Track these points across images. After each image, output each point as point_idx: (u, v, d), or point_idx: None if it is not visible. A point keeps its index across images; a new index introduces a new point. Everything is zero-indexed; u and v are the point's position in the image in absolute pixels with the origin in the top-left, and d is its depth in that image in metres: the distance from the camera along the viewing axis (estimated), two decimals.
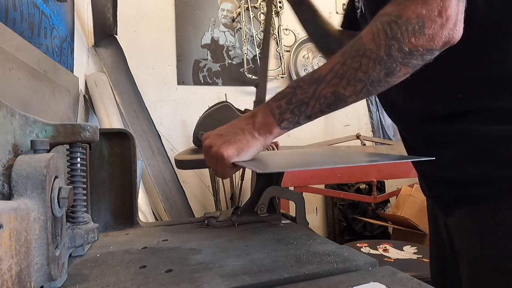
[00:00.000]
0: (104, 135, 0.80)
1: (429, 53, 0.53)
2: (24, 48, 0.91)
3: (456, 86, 0.63)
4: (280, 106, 0.62)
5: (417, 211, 2.18)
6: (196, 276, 0.49)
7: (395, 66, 0.54)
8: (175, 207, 2.32)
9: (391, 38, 0.53)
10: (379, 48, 0.53)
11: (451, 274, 0.75)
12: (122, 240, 0.71)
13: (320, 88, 0.58)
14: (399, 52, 0.53)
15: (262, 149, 0.65)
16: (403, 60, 0.53)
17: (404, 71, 0.55)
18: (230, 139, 0.63)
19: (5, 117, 0.42)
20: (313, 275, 0.49)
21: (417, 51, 0.52)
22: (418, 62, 0.54)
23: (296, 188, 2.04)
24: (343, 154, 0.94)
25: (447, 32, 0.51)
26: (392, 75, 0.55)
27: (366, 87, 0.56)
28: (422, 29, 0.51)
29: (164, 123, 2.59)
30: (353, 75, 0.56)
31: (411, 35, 0.52)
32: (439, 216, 0.77)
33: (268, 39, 1.06)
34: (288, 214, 0.87)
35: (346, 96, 0.57)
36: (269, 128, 0.63)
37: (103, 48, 2.42)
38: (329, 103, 0.59)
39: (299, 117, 0.61)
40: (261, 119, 0.63)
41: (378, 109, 3.10)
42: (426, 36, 0.51)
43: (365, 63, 0.55)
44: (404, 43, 0.52)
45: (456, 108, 0.64)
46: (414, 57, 0.53)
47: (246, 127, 0.64)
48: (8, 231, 0.33)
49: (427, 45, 0.52)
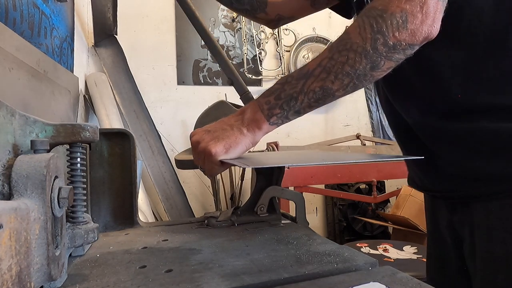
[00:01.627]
0: (104, 135, 0.80)
1: (410, 47, 0.55)
2: (24, 48, 0.91)
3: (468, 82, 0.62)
4: (269, 102, 0.62)
5: (417, 211, 2.18)
6: (196, 276, 0.49)
7: (380, 60, 0.55)
8: (175, 207, 2.32)
9: (376, 32, 0.54)
10: (365, 42, 0.55)
11: (452, 274, 0.74)
12: (122, 240, 0.71)
13: (309, 83, 0.59)
14: (383, 46, 0.54)
15: (251, 145, 0.65)
16: (387, 54, 0.55)
17: (388, 65, 0.56)
18: (218, 136, 0.63)
19: (5, 117, 0.42)
20: (313, 275, 0.49)
21: (400, 46, 0.54)
22: (400, 56, 0.55)
23: (296, 188, 2.04)
24: (337, 154, 0.95)
25: (427, 28, 0.53)
26: (376, 69, 0.56)
27: (353, 81, 0.57)
28: (405, 24, 0.53)
29: (164, 123, 2.59)
30: (341, 69, 0.56)
31: (395, 29, 0.53)
32: (441, 215, 0.76)
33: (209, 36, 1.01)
34: (288, 214, 0.87)
35: (334, 90, 0.58)
36: (258, 124, 0.63)
37: (103, 48, 2.42)
38: (318, 98, 0.59)
39: (288, 112, 0.62)
40: (250, 115, 0.63)
41: (378, 109, 3.10)
42: (409, 31, 0.53)
43: (351, 57, 0.56)
44: (389, 37, 0.53)
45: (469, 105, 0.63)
46: (397, 51, 0.54)
47: (235, 124, 0.64)
48: (8, 231, 0.33)
49: (409, 40, 0.54)
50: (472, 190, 0.64)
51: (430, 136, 0.68)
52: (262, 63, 2.84)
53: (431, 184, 0.74)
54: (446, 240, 0.76)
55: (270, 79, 2.84)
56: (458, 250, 0.71)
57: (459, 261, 0.71)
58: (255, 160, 0.67)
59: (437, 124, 0.66)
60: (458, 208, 0.70)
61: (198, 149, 0.64)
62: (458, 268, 0.72)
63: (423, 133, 0.69)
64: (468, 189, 0.65)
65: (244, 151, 0.64)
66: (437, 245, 0.80)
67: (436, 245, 0.81)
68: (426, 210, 0.86)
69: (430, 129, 0.68)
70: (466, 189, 0.65)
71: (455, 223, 0.71)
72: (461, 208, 0.68)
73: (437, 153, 0.68)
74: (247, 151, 0.66)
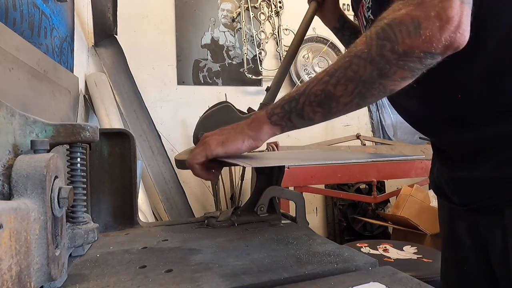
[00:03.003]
0: (104, 135, 0.80)
1: (428, 56, 0.50)
2: (24, 48, 0.91)
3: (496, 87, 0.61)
4: (274, 103, 0.64)
5: (417, 211, 2.18)
6: (196, 276, 0.49)
7: (389, 68, 0.52)
8: (175, 207, 2.32)
9: (383, 39, 0.52)
10: (370, 48, 0.53)
11: (473, 277, 0.72)
12: (122, 240, 0.71)
13: (311, 86, 0.59)
14: (391, 52, 0.51)
15: (252, 144, 0.65)
16: (398, 62, 0.51)
17: (401, 74, 0.53)
18: (222, 132, 0.67)
19: (5, 117, 0.42)
20: (313, 275, 0.49)
21: (412, 53, 0.50)
22: (416, 65, 0.52)
23: (296, 188, 2.04)
24: (338, 154, 0.95)
25: (448, 34, 0.48)
26: (386, 77, 0.53)
27: (358, 88, 0.55)
28: (418, 30, 0.49)
29: (164, 123, 2.59)
30: (343, 74, 0.55)
31: (405, 35, 0.50)
32: (459, 217, 0.74)
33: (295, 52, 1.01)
34: (288, 214, 0.87)
35: (337, 95, 0.57)
36: (259, 122, 0.64)
37: (103, 48, 2.42)
38: (320, 102, 0.58)
39: (290, 114, 0.62)
40: (256, 115, 0.66)
41: (378, 109, 3.10)
42: (422, 37, 0.49)
43: (355, 62, 0.54)
44: (398, 44, 0.51)
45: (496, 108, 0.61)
46: (410, 59, 0.51)
47: (242, 124, 0.67)
48: (8, 231, 0.33)
49: (424, 47, 0.50)
50: (504, 193, 0.62)
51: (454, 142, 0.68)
52: (262, 63, 2.84)
53: (460, 198, 0.72)
54: (464, 243, 0.74)
55: (270, 79, 2.84)
56: (479, 253, 0.69)
57: (482, 264, 0.69)
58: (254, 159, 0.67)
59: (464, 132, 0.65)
60: (482, 211, 0.68)
61: (203, 140, 0.67)
62: (480, 272, 0.70)
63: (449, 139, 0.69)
64: (500, 194, 0.63)
65: (241, 147, 0.64)
66: (455, 248, 0.78)
67: (454, 249, 0.78)
68: (440, 211, 0.83)
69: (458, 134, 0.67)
70: (498, 194, 0.63)
71: (479, 225, 0.69)
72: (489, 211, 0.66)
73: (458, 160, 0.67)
74: (249, 151, 0.66)
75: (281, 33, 2.89)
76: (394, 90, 0.56)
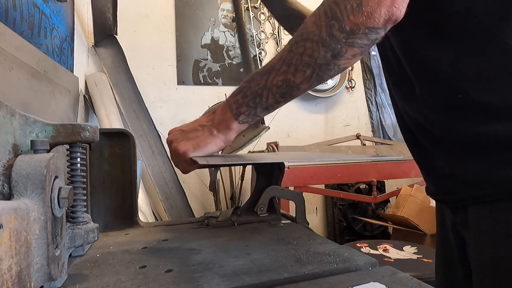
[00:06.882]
0: (104, 135, 0.80)
1: (372, 31, 0.52)
2: (24, 48, 0.91)
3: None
4: (237, 101, 0.63)
5: (417, 211, 2.18)
6: (196, 276, 0.49)
7: (340, 47, 0.54)
8: (175, 207, 2.32)
9: (331, 18, 0.53)
10: (320, 30, 0.54)
11: (456, 276, 0.73)
12: (122, 240, 0.71)
13: (271, 78, 0.59)
14: (340, 31, 0.53)
15: (223, 145, 0.66)
16: (347, 40, 0.53)
17: (351, 52, 0.54)
18: (189, 136, 0.66)
19: (5, 117, 0.42)
20: (313, 275, 0.49)
21: (358, 30, 0.52)
22: (364, 42, 0.53)
23: (296, 188, 2.04)
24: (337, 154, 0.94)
25: (386, 9, 0.51)
26: (339, 57, 0.55)
27: (316, 72, 0.56)
28: (360, 6, 0.51)
29: (164, 123, 2.59)
30: (300, 60, 0.56)
31: (349, 13, 0.52)
32: (446, 215, 0.75)
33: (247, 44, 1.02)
34: (288, 214, 0.87)
35: (297, 83, 0.58)
36: (228, 124, 0.64)
37: (103, 48, 2.42)
38: (283, 92, 0.59)
39: (256, 109, 0.62)
40: (220, 115, 0.65)
41: (378, 109, 3.10)
42: (364, 13, 0.51)
43: (309, 47, 0.55)
44: (344, 22, 0.52)
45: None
46: (357, 36, 0.53)
47: (206, 124, 0.66)
48: (8, 231, 0.33)
49: (367, 23, 0.52)
50: (466, 192, 0.63)
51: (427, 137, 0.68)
52: (262, 63, 2.84)
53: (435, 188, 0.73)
54: (450, 242, 0.74)
55: None
56: (461, 252, 0.70)
57: (465, 262, 0.69)
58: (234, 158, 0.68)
59: (433, 126, 0.66)
60: (459, 209, 0.69)
61: (171, 148, 0.67)
62: (462, 270, 0.70)
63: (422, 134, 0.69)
64: (463, 192, 0.64)
65: (215, 150, 0.66)
66: (444, 246, 0.79)
67: (443, 247, 0.79)
68: (436, 211, 0.85)
69: (427, 129, 0.67)
70: (461, 191, 0.64)
71: (457, 224, 0.70)
72: (462, 210, 0.68)
73: (435, 154, 0.67)
74: (219, 151, 0.68)
75: (281, 33, 2.89)
76: (346, 68, 0.58)
